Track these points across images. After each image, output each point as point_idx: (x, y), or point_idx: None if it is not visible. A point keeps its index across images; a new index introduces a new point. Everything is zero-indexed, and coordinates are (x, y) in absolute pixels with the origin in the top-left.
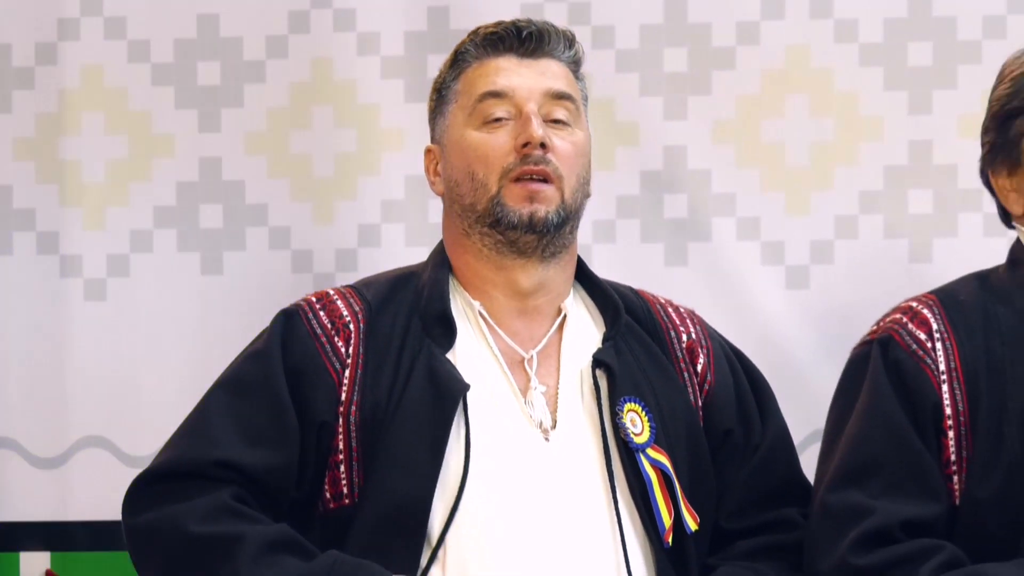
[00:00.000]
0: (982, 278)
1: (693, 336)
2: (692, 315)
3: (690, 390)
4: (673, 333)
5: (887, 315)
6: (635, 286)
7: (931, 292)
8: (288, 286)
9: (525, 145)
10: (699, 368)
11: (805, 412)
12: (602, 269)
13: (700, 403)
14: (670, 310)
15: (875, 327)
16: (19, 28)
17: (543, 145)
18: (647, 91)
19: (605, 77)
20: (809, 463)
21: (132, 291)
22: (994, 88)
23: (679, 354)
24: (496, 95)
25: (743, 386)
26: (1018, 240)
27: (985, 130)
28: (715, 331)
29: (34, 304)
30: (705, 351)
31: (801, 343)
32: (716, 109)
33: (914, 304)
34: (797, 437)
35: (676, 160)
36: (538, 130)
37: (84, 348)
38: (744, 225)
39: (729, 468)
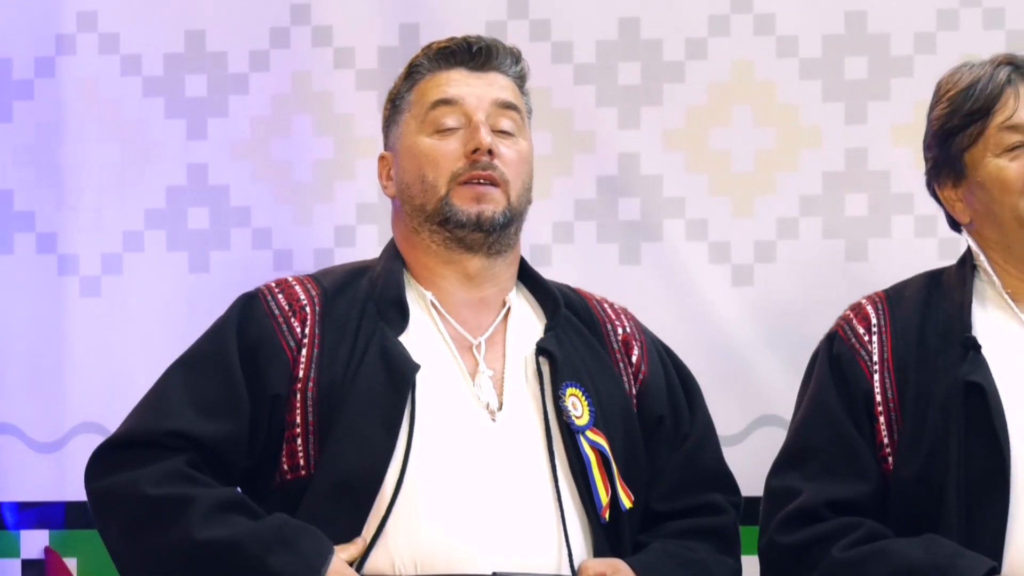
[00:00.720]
0: (934, 276)
1: (628, 330)
2: (626, 312)
3: (625, 379)
4: (609, 327)
5: (843, 312)
6: (592, 284)
7: (884, 290)
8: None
9: (474, 151)
10: (633, 359)
11: (750, 399)
12: (561, 268)
13: (634, 392)
14: (606, 306)
15: (835, 323)
16: (19, 43)
17: (490, 152)
18: (603, 102)
19: (564, 89)
20: (755, 446)
21: (125, 288)
22: (932, 107)
23: (615, 346)
24: (447, 103)
25: (673, 379)
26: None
27: (928, 147)
28: (647, 328)
29: (34, 300)
30: (639, 344)
31: (746, 336)
32: (667, 119)
33: (863, 301)
34: (743, 422)
35: (630, 166)
36: (486, 138)
37: (80, 341)
38: (693, 226)
39: (660, 453)
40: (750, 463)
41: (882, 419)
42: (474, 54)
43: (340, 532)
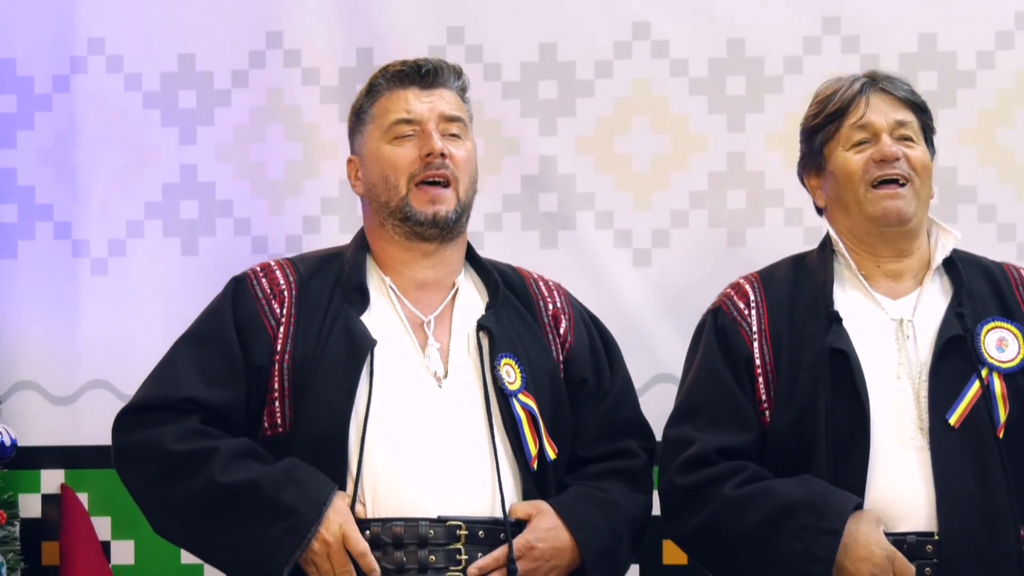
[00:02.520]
0: (798, 259)
1: (558, 305)
2: (559, 288)
3: (553, 348)
4: (542, 303)
5: (723, 290)
6: (517, 265)
7: (758, 271)
8: (248, 264)
9: (428, 155)
10: (561, 331)
11: (647, 361)
12: (491, 252)
13: (561, 359)
14: (541, 284)
15: (715, 300)
16: (40, 64)
17: (442, 155)
18: (526, 113)
19: (493, 103)
20: (652, 399)
21: (128, 268)
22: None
23: (546, 320)
24: (406, 121)
25: (597, 345)
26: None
27: (800, 142)
28: (577, 301)
29: (51, 278)
30: (567, 317)
31: (645, 308)
32: (579, 128)
33: (741, 281)
34: (642, 379)
35: (548, 167)
36: (438, 143)
37: (90, 311)
38: (601, 217)
39: (584, 409)
40: (649, 413)
41: (760, 380)
42: (423, 75)
43: None
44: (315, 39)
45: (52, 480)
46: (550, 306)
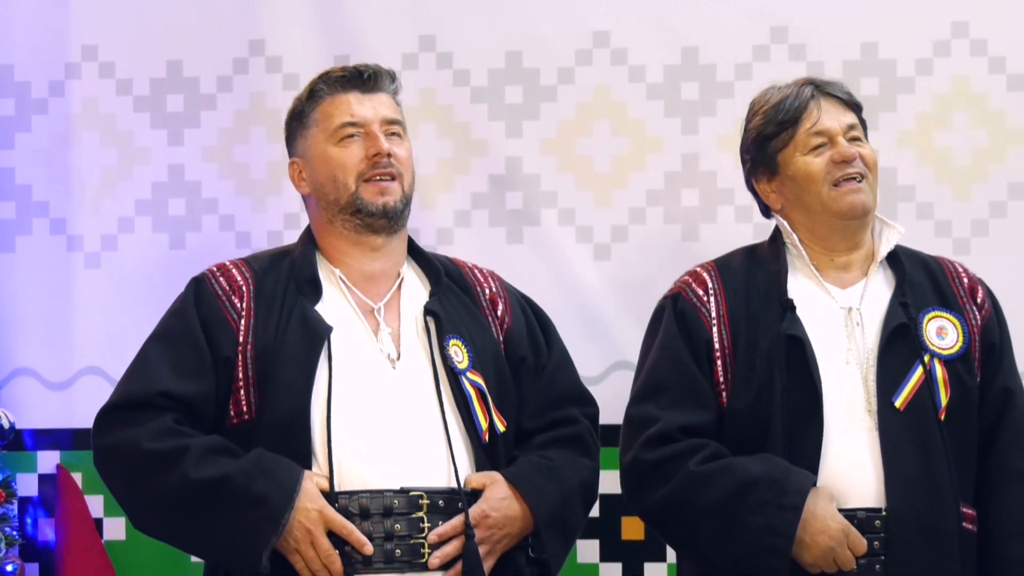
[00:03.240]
0: (750, 250)
1: (494, 290)
2: (492, 275)
3: (494, 329)
4: (479, 288)
5: (680, 277)
6: (485, 259)
7: (712, 260)
8: (232, 257)
9: (376, 155)
10: (499, 313)
11: (607, 349)
12: (460, 247)
13: (501, 338)
14: (476, 272)
15: (672, 286)
16: (36, 70)
17: (388, 155)
18: (493, 117)
19: (463, 106)
20: (611, 384)
21: (119, 262)
22: (749, 120)
23: (484, 303)
24: (351, 124)
25: (533, 324)
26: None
27: (747, 150)
28: (510, 285)
29: (48, 271)
30: (503, 300)
31: (605, 299)
32: (543, 130)
33: (698, 269)
34: (602, 366)
35: (514, 167)
36: (384, 144)
37: (84, 303)
38: (564, 214)
39: (526, 384)
40: (609, 397)
41: (719, 363)
42: (365, 80)
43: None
44: (295, 47)
45: (48, 461)
46: (487, 291)
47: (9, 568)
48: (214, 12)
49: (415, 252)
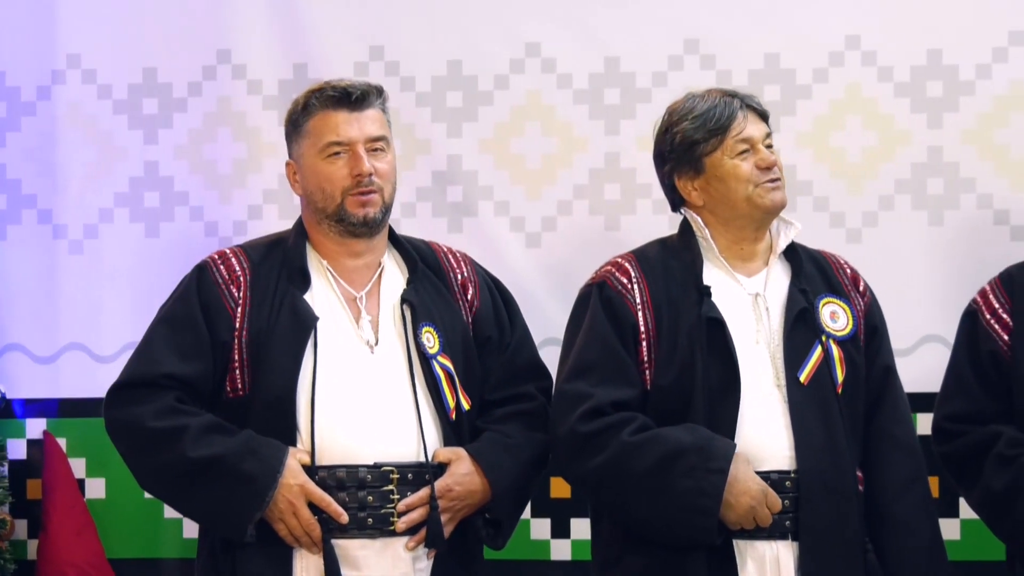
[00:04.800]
0: (664, 242)
1: (465, 275)
2: (465, 259)
3: (463, 311)
4: (452, 274)
5: (601, 267)
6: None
7: (630, 252)
8: (202, 245)
9: (358, 175)
10: (469, 296)
11: (537, 327)
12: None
13: (470, 320)
14: (451, 257)
15: (594, 275)
16: (25, 76)
17: (370, 173)
18: (436, 119)
19: (409, 110)
20: (546, 358)
21: (100, 248)
22: (673, 125)
23: (456, 288)
24: (337, 143)
25: (499, 304)
26: (685, 218)
27: (670, 151)
28: (480, 267)
29: (35, 257)
30: (473, 284)
31: (536, 283)
32: (481, 131)
33: (619, 259)
34: (535, 340)
35: (455, 164)
36: (367, 165)
37: (68, 285)
38: (499, 207)
39: (490, 359)
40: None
41: (644, 344)
42: (354, 100)
43: (279, 438)
44: (258, 56)
45: (36, 427)
46: (459, 276)
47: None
48: (185, 24)
49: (395, 240)
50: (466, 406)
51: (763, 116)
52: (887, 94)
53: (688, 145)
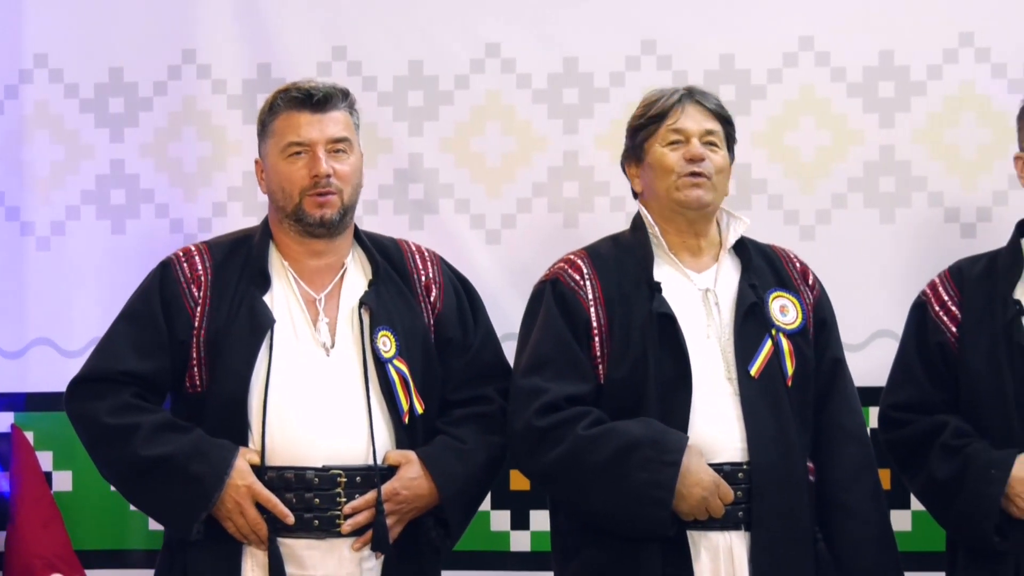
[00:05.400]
0: (614, 239)
1: (430, 276)
2: (433, 258)
3: (425, 314)
4: (416, 276)
5: (555, 264)
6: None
7: (583, 248)
8: (167, 242)
9: (315, 176)
10: (432, 298)
11: (496, 322)
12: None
13: (432, 322)
14: (417, 257)
15: (547, 272)
16: None
17: (328, 175)
18: (397, 118)
19: (371, 109)
20: (506, 352)
21: (67, 245)
22: (634, 114)
23: (419, 289)
24: (298, 143)
25: (464, 305)
26: (638, 212)
27: (626, 138)
28: (448, 266)
29: (3, 253)
30: (437, 286)
31: (495, 279)
32: (441, 130)
33: (572, 256)
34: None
35: (416, 162)
36: (324, 167)
37: (36, 281)
38: (459, 204)
39: (451, 361)
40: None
41: (596, 339)
42: (316, 102)
43: (231, 436)
44: (223, 56)
45: (3, 420)
46: (423, 277)
47: None
48: (151, 25)
49: (360, 239)
50: (419, 410)
51: (717, 115)
52: (840, 94)
53: (633, 131)
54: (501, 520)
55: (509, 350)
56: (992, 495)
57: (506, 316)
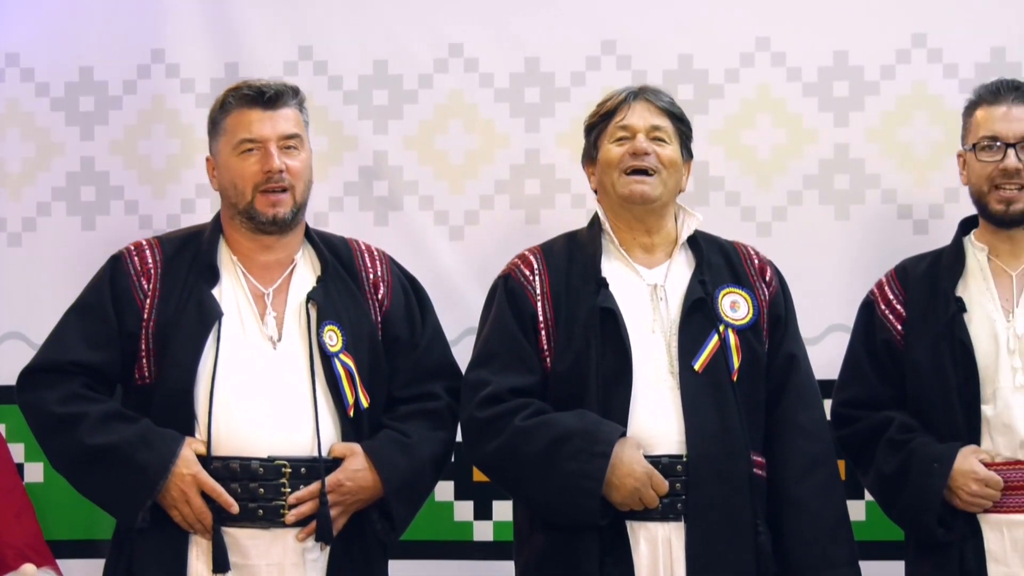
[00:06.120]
0: (571, 236)
1: (378, 274)
2: (382, 258)
3: (372, 312)
4: (364, 273)
5: (511, 260)
6: (355, 240)
7: (539, 245)
8: (136, 238)
9: (268, 171)
10: (380, 296)
11: (460, 317)
12: (334, 229)
13: (379, 319)
14: (366, 256)
15: (504, 268)
16: None
17: (280, 170)
18: (363, 116)
19: (336, 107)
20: (463, 348)
21: (38, 241)
22: None
23: (367, 287)
24: (250, 140)
25: (412, 304)
26: (596, 212)
27: (584, 138)
28: (397, 266)
29: None
30: (385, 284)
31: (459, 274)
32: (406, 128)
33: (527, 252)
34: (455, 331)
35: (381, 160)
36: (277, 161)
37: (7, 276)
38: (424, 201)
39: (398, 358)
40: (460, 360)
41: (543, 333)
42: (267, 99)
43: (178, 427)
44: (191, 55)
45: None
46: (371, 275)
47: None
48: (121, 25)
49: (311, 237)
50: (365, 403)
51: (667, 112)
52: (795, 94)
53: (588, 130)
54: (464, 511)
55: (471, 343)
56: (935, 488)
57: (468, 311)
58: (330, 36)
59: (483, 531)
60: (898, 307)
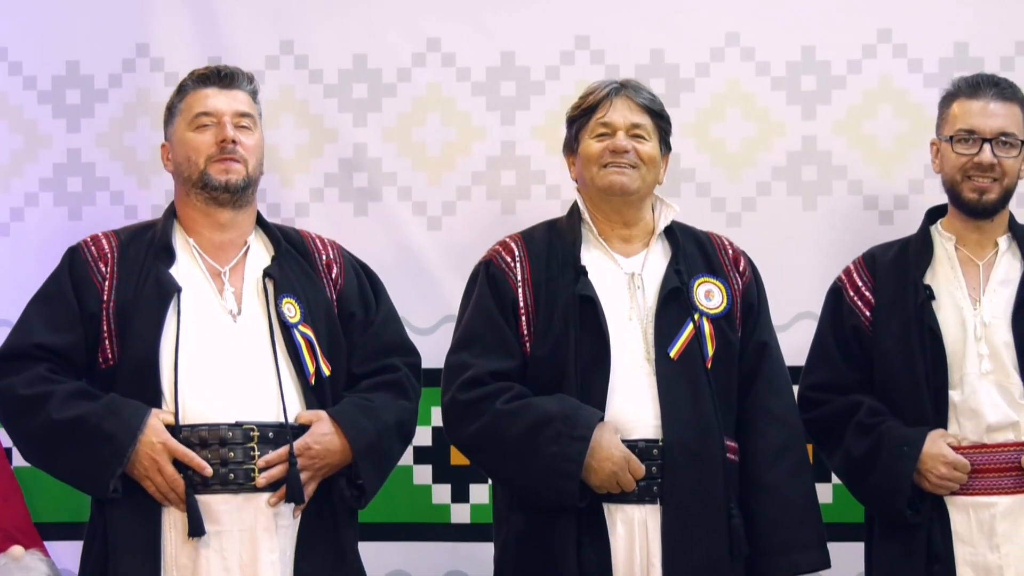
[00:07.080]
0: (551, 224)
1: (331, 256)
2: (333, 244)
3: (327, 289)
4: (317, 255)
5: (492, 246)
6: (335, 230)
7: (519, 232)
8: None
9: (223, 141)
10: (334, 275)
11: (438, 305)
12: (315, 219)
13: (334, 297)
14: (317, 241)
15: (485, 253)
16: None
17: (234, 141)
18: (343, 109)
19: (317, 100)
20: (441, 335)
21: (26, 231)
22: None
23: (320, 267)
24: (206, 114)
25: (364, 284)
26: (576, 201)
27: (566, 130)
28: (347, 252)
29: None
30: (338, 265)
31: (436, 264)
32: (385, 121)
33: (508, 239)
34: (433, 319)
35: (361, 152)
36: (231, 132)
37: None
38: (403, 192)
39: (355, 335)
40: (439, 345)
41: (523, 319)
42: (222, 78)
43: (145, 400)
44: (175, 49)
45: None
46: (323, 257)
47: None
48: (107, 20)
49: (262, 224)
50: (326, 371)
51: (647, 109)
52: (764, 88)
53: (569, 123)
54: (442, 493)
55: (448, 331)
56: (904, 471)
57: (445, 299)
58: (311, 31)
59: (460, 513)
60: (866, 294)
